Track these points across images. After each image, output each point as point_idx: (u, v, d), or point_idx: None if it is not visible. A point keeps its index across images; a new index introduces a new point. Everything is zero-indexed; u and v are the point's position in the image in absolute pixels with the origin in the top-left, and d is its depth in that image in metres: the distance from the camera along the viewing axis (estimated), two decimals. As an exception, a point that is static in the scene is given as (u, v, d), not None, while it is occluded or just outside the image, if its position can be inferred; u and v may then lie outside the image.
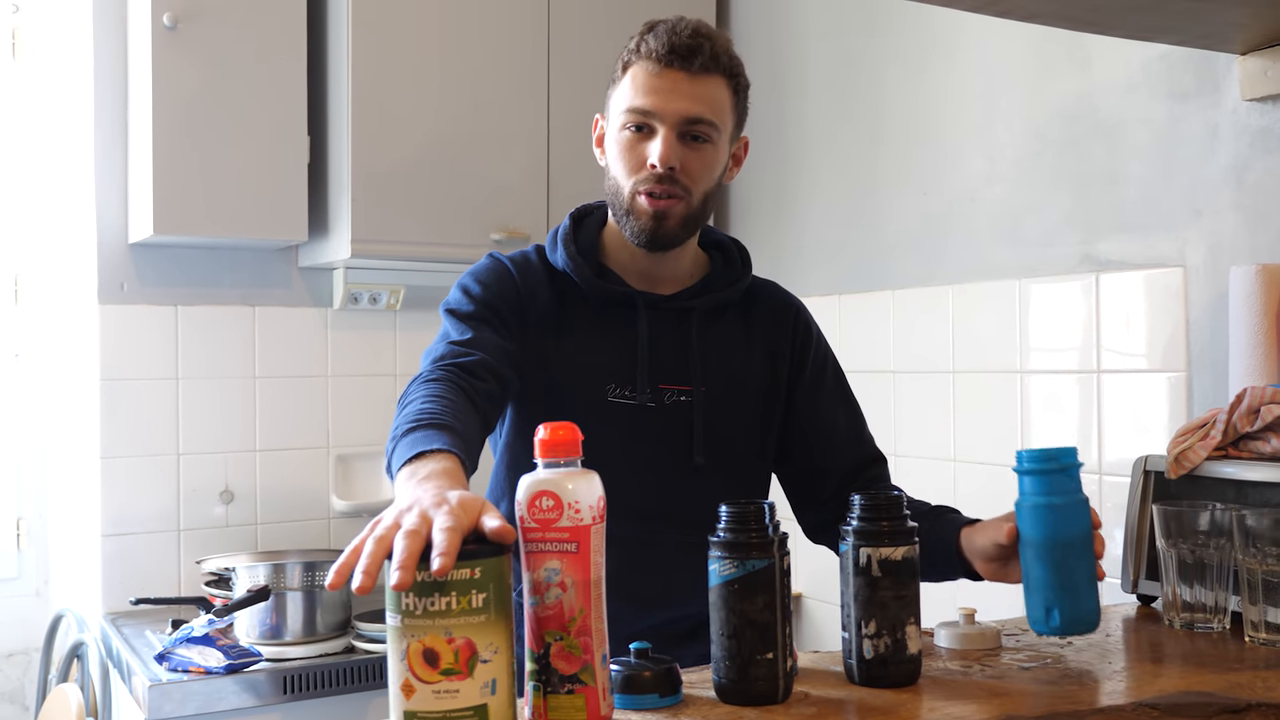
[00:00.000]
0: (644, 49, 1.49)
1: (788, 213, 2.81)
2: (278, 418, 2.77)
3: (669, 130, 1.48)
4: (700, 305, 1.59)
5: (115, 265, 2.62)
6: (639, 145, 1.50)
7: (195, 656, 2.14)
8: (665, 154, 1.48)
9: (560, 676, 1.04)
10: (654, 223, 1.51)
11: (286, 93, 2.53)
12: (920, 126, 2.47)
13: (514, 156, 2.68)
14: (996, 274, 2.28)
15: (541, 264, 1.60)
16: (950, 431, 2.36)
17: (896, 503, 1.22)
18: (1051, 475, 1.33)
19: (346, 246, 2.51)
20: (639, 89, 1.49)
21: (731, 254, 1.66)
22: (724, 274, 1.64)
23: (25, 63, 3.06)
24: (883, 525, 1.20)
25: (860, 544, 1.19)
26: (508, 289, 1.56)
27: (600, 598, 1.06)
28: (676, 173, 1.49)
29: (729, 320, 1.62)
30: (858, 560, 1.19)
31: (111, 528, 2.59)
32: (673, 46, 1.47)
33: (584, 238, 1.60)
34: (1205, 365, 1.91)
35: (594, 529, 1.04)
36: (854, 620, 1.20)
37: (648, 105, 1.48)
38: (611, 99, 1.55)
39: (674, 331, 1.58)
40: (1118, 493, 1.82)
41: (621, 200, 1.53)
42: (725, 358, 1.60)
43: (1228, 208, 1.89)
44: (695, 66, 1.48)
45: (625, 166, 1.52)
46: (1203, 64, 1.91)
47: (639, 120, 1.49)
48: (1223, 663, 1.33)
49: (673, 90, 1.48)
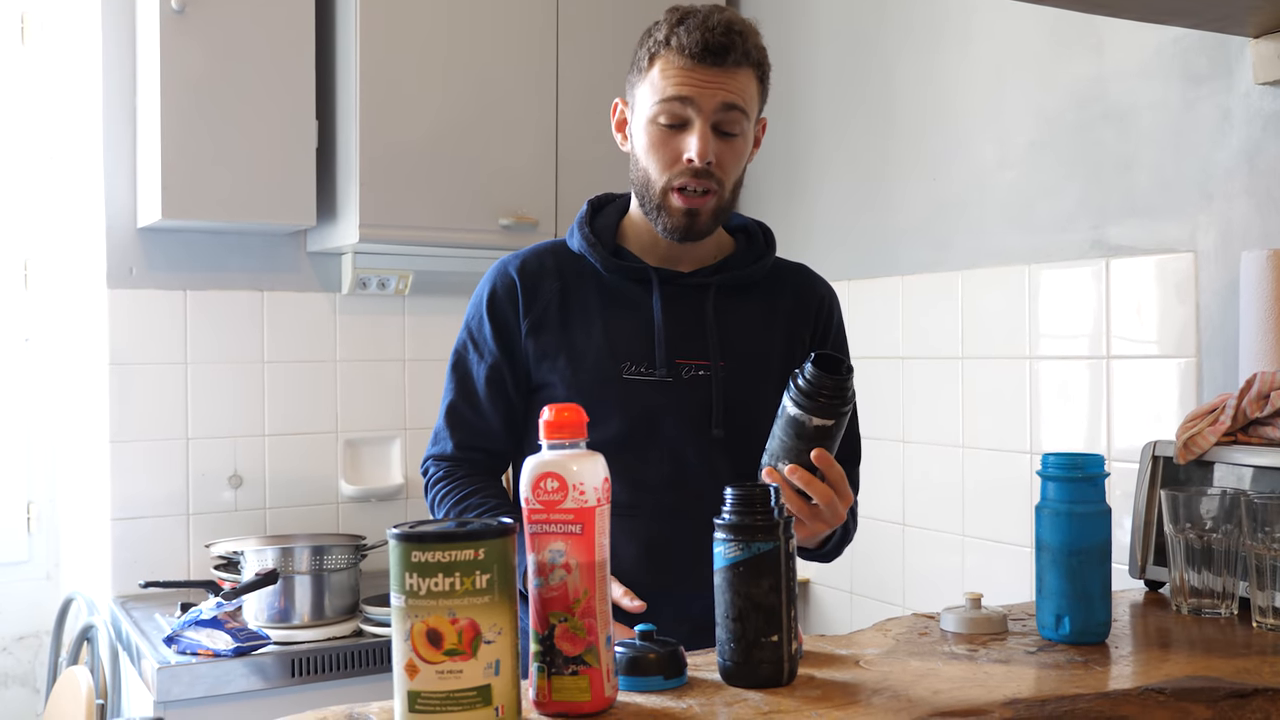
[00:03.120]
0: (675, 42, 1.48)
1: (798, 198, 2.80)
2: (286, 402, 2.77)
3: (704, 124, 1.48)
4: (717, 281, 1.59)
5: (124, 250, 2.62)
6: (672, 139, 1.50)
7: (204, 639, 2.15)
8: (703, 149, 1.48)
9: (565, 658, 1.04)
10: (687, 220, 1.52)
11: (295, 77, 2.53)
12: (931, 111, 2.46)
13: (523, 141, 2.67)
14: (1007, 259, 2.27)
15: (554, 255, 1.62)
16: (959, 418, 2.35)
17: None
18: (1076, 483, 1.32)
19: (355, 231, 2.50)
20: (672, 81, 1.48)
21: (755, 235, 1.67)
22: (746, 254, 1.64)
23: (34, 47, 3.06)
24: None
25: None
26: (501, 303, 1.60)
27: (605, 580, 1.05)
28: (712, 166, 1.49)
29: (751, 299, 1.62)
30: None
31: (121, 511, 2.60)
32: (707, 44, 1.46)
33: (602, 222, 1.62)
34: (1215, 350, 1.90)
35: (598, 511, 1.04)
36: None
37: (686, 94, 1.47)
38: (638, 87, 1.54)
39: (691, 308, 1.58)
40: (1126, 479, 1.81)
41: (652, 195, 1.53)
42: (745, 335, 1.59)
43: (1240, 192, 1.87)
44: (728, 62, 1.47)
45: (659, 161, 1.51)
46: (1216, 47, 1.90)
47: (676, 112, 1.48)
48: (1230, 648, 1.33)
49: (706, 84, 1.47)
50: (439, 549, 0.95)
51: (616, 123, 1.61)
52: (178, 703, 2.08)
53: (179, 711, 2.07)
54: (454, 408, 1.62)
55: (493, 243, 2.61)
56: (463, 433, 1.61)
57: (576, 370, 1.55)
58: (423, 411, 2.91)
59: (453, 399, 1.63)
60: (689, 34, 1.47)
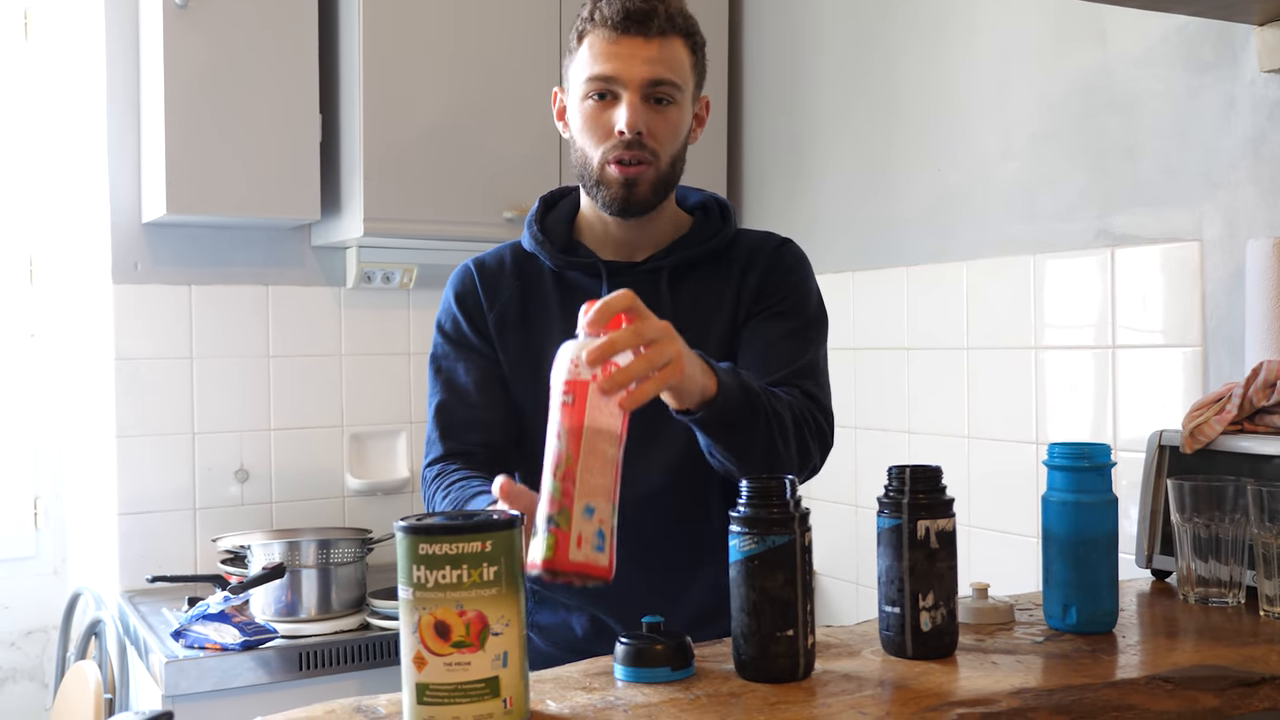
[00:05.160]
0: (598, 16, 1.48)
1: (801, 189, 2.80)
2: (292, 397, 2.78)
3: (633, 94, 1.47)
4: (669, 264, 1.57)
5: (129, 245, 2.62)
6: (604, 114, 1.49)
7: (211, 633, 2.15)
8: (632, 119, 1.46)
9: (545, 519, 1.04)
10: (625, 190, 1.50)
11: (298, 71, 2.52)
12: (935, 101, 2.46)
13: (526, 134, 2.67)
14: (1011, 250, 2.27)
15: (512, 255, 1.62)
16: (964, 408, 2.35)
17: (936, 473, 1.22)
18: (1083, 473, 1.32)
19: (359, 225, 2.51)
20: (597, 56, 1.48)
21: (712, 210, 1.63)
22: (700, 231, 1.61)
23: (37, 43, 3.06)
24: (937, 496, 1.20)
25: (917, 517, 1.19)
26: (467, 302, 1.60)
27: (595, 452, 1.06)
28: (644, 137, 1.48)
29: (707, 275, 1.58)
30: (914, 533, 1.19)
31: (128, 506, 2.61)
32: (628, 12, 1.46)
33: (554, 218, 1.61)
34: (1221, 340, 1.89)
35: (592, 385, 1.07)
36: (908, 593, 1.20)
37: (609, 71, 1.47)
38: (570, 70, 1.54)
39: (646, 295, 1.54)
40: (1133, 468, 1.81)
41: (591, 171, 1.52)
42: (700, 311, 1.55)
43: (1245, 181, 1.87)
44: (653, 30, 1.47)
45: (592, 136, 1.50)
46: (1220, 35, 1.89)
47: (602, 88, 1.48)
48: (1237, 637, 1.33)
49: (632, 55, 1.46)
50: (446, 541, 0.96)
51: (557, 111, 1.59)
52: (186, 696, 2.08)
53: (187, 705, 2.08)
54: (443, 407, 1.57)
55: (497, 236, 2.61)
56: (456, 429, 1.56)
57: (536, 367, 1.49)
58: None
59: (440, 399, 1.58)
60: (610, 5, 1.47)
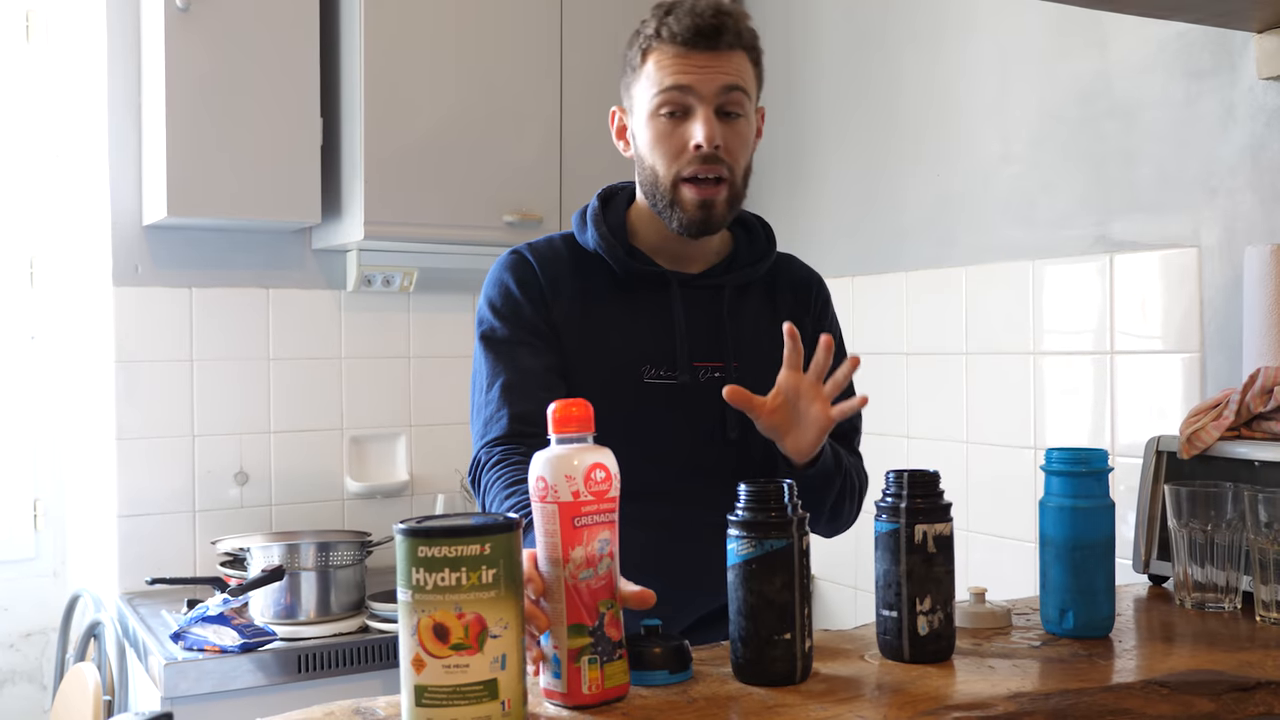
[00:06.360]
0: (666, 33, 1.47)
1: (801, 194, 2.81)
2: (292, 399, 2.78)
3: (707, 108, 1.46)
4: (730, 282, 1.58)
5: (130, 247, 2.63)
6: (676, 130, 1.48)
7: (210, 635, 2.16)
8: (709, 131, 1.45)
9: (612, 644, 1.06)
10: (702, 212, 1.49)
11: (299, 74, 2.53)
12: (935, 107, 2.46)
13: (527, 138, 2.67)
14: (1010, 255, 2.27)
15: (567, 249, 1.58)
16: (963, 414, 2.36)
17: (934, 478, 1.23)
18: (1080, 478, 1.32)
19: (360, 228, 2.51)
20: (669, 71, 1.47)
21: (756, 230, 1.65)
22: (749, 250, 1.62)
23: (38, 45, 3.06)
24: (935, 501, 1.21)
25: (915, 521, 1.20)
26: (531, 290, 1.54)
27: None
28: (720, 151, 1.47)
29: (755, 296, 1.61)
30: (912, 538, 1.19)
31: (127, 509, 2.61)
32: (699, 29, 1.45)
33: (612, 217, 1.58)
34: (1219, 346, 1.90)
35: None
36: (906, 598, 1.20)
37: (685, 83, 1.46)
38: (635, 88, 1.52)
39: (706, 309, 1.57)
40: (1130, 474, 1.81)
41: (662, 191, 1.50)
42: (755, 333, 1.58)
43: (1243, 187, 1.88)
44: (722, 45, 1.46)
45: (664, 154, 1.49)
46: (1219, 42, 1.90)
47: (675, 100, 1.47)
48: (1233, 642, 1.33)
49: (703, 68, 1.46)
50: (445, 544, 0.96)
51: (616, 130, 1.59)
52: (185, 698, 2.08)
53: (186, 707, 2.08)
54: (509, 385, 1.48)
55: (498, 239, 2.61)
56: (524, 409, 1.45)
57: (597, 371, 1.52)
58: (428, 408, 2.91)
59: (506, 379, 1.49)
60: (679, 22, 1.46)
